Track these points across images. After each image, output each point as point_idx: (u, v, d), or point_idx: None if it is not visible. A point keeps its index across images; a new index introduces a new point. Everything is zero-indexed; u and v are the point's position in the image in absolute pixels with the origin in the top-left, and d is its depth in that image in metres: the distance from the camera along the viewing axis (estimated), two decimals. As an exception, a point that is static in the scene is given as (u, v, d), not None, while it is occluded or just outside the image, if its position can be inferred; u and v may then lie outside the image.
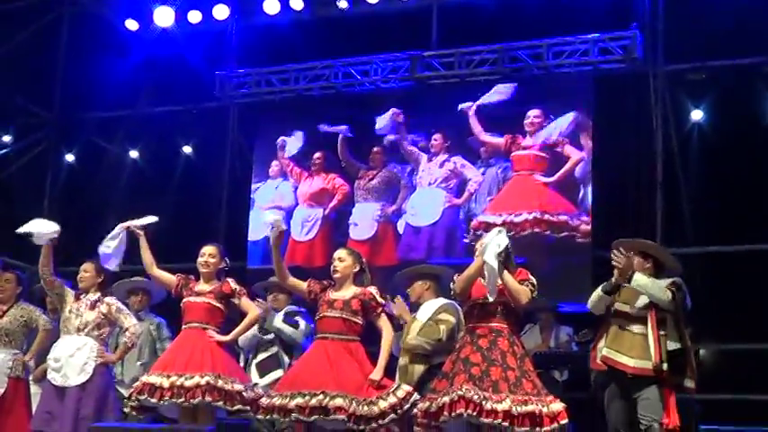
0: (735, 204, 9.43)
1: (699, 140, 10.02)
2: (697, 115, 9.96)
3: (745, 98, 9.72)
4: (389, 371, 6.02)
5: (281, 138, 11.68)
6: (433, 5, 10.96)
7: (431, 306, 6.52)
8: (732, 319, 9.23)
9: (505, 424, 5.40)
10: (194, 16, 11.79)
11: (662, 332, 5.75)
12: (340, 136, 11.26)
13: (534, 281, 5.79)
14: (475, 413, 5.41)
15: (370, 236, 11.23)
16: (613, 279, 5.84)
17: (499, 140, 10.62)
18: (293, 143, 11.53)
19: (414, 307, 6.73)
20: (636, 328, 5.78)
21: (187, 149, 11.97)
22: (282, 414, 5.85)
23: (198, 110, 11.92)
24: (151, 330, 7.65)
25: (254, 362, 7.13)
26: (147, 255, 6.51)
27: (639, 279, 5.79)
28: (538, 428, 5.46)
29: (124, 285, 7.48)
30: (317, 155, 11.52)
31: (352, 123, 11.17)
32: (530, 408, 5.48)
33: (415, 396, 5.85)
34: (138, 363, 7.42)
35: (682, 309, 5.83)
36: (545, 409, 5.51)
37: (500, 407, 5.42)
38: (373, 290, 6.09)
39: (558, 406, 5.56)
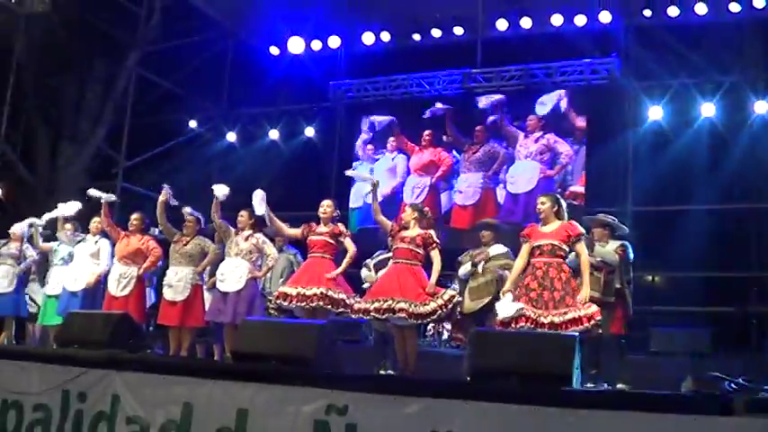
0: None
1: (653, 135, 11.77)
2: (655, 114, 11.65)
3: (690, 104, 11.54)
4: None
5: (371, 120, 12.43)
6: (478, 38, 12.68)
7: (497, 248, 7.80)
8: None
9: (552, 331, 6.06)
10: (316, 44, 13.69)
11: (610, 276, 7.15)
12: (447, 117, 12.04)
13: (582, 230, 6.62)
14: (532, 326, 6.16)
15: (473, 202, 11.71)
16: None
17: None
18: (381, 121, 12.50)
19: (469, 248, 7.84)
20: (596, 273, 7.11)
21: (309, 133, 13.44)
22: (364, 314, 6.79)
23: (316, 108, 13.50)
24: (290, 258, 8.55)
25: None
26: (277, 223, 7.64)
27: (597, 250, 7.18)
28: (581, 326, 6.11)
29: (270, 229, 7.94)
30: (426, 132, 12.26)
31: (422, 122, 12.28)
32: (569, 316, 6.16)
33: (457, 299, 6.79)
34: (281, 280, 8.20)
35: (624, 263, 7.20)
36: (582, 313, 6.16)
37: (546, 321, 6.14)
38: (432, 232, 7.00)
39: (593, 309, 6.23)
